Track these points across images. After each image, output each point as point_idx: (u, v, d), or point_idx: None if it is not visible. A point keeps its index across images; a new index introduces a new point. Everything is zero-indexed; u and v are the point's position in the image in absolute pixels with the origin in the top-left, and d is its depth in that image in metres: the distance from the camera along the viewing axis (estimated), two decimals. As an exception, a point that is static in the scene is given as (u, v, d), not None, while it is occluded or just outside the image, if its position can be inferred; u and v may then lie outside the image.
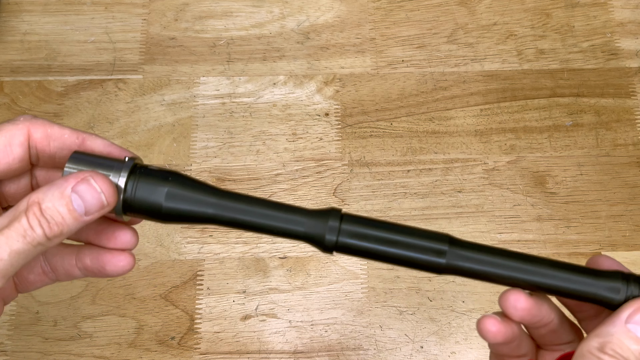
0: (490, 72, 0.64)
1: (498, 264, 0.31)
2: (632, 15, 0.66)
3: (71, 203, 0.30)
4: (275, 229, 0.32)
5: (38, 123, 0.32)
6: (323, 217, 0.32)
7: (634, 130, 0.61)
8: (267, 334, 0.55)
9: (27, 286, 0.35)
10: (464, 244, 0.32)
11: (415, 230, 0.32)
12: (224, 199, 0.32)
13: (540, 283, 0.31)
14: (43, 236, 0.29)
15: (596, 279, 0.31)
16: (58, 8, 0.66)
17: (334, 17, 0.66)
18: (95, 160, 0.32)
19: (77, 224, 0.30)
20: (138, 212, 0.32)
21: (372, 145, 0.61)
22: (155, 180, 0.32)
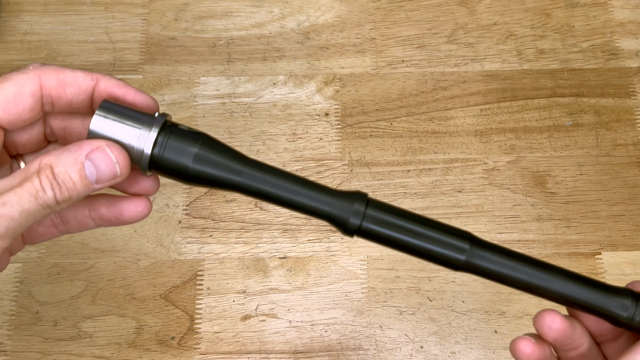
0: (490, 72, 0.64)
1: (514, 268, 0.32)
2: (632, 15, 0.66)
3: (84, 169, 0.29)
4: (300, 205, 0.31)
5: (49, 70, 0.31)
6: (349, 199, 0.31)
7: (634, 130, 0.61)
8: (267, 334, 0.55)
9: (36, 238, 0.35)
10: (485, 244, 0.32)
11: (439, 225, 0.32)
12: (253, 168, 0.31)
13: (552, 291, 0.32)
14: (53, 199, 0.29)
15: (606, 294, 0.32)
16: (58, 8, 0.66)
17: (334, 17, 0.66)
18: (126, 112, 0.31)
19: (86, 191, 0.30)
20: (163, 171, 0.31)
21: (372, 145, 0.61)
22: (185, 141, 0.31)
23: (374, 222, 0.31)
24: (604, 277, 0.56)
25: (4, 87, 0.31)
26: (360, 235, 0.31)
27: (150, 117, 0.31)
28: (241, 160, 0.31)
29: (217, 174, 0.31)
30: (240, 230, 0.58)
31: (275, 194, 0.31)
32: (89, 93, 0.32)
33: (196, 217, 0.58)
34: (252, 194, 0.32)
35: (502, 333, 0.55)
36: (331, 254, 0.57)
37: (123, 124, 0.31)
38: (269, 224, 0.58)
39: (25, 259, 0.57)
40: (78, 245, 0.58)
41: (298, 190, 0.31)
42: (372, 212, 0.31)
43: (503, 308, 0.55)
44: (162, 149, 0.31)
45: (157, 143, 0.31)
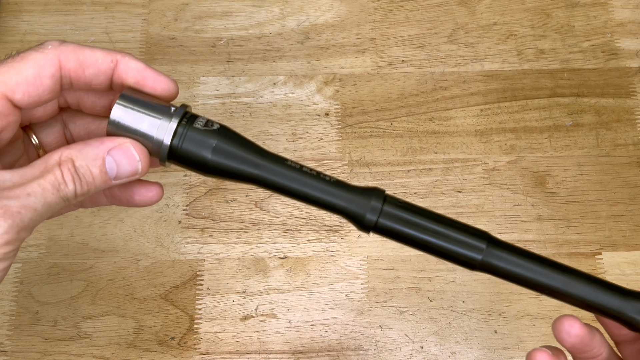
0: (490, 72, 0.64)
1: (531, 269, 0.31)
2: (632, 15, 0.66)
3: (104, 165, 0.30)
4: (317, 200, 0.31)
5: (68, 49, 0.31)
6: (366, 195, 0.31)
7: (634, 130, 0.61)
8: (267, 334, 0.55)
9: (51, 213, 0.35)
10: (502, 244, 0.32)
11: (456, 223, 0.32)
12: (271, 161, 0.31)
13: (570, 294, 0.31)
14: (73, 192, 0.29)
15: (624, 298, 0.31)
16: (58, 8, 0.66)
17: (334, 17, 0.66)
18: (146, 102, 0.31)
19: (104, 186, 0.30)
20: (182, 162, 0.31)
21: (372, 145, 0.61)
22: (204, 133, 0.31)
23: (391, 218, 0.31)
24: (604, 277, 0.56)
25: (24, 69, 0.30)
26: (377, 232, 0.31)
27: (170, 108, 0.31)
28: (260, 153, 0.32)
29: (236, 167, 0.31)
30: (240, 230, 0.58)
31: (292, 188, 0.31)
32: (109, 75, 0.32)
33: (196, 217, 0.58)
34: (270, 187, 0.32)
35: (502, 333, 0.55)
36: (331, 254, 0.57)
37: (143, 114, 0.31)
38: (269, 224, 0.58)
39: (25, 259, 0.57)
40: (78, 246, 0.58)
41: (315, 185, 0.31)
42: (389, 209, 0.31)
43: (503, 308, 0.55)
44: (182, 140, 0.31)
45: (176, 134, 0.31)
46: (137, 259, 0.57)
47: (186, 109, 0.32)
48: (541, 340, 0.55)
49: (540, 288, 0.32)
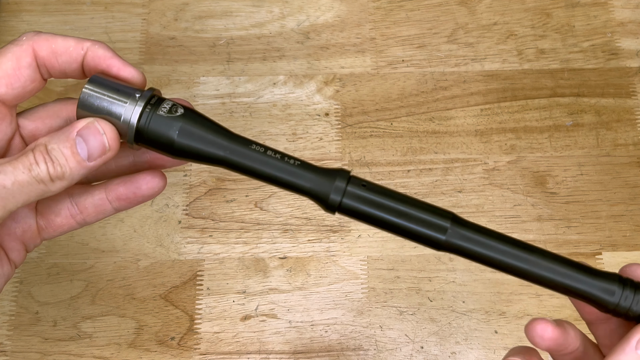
0: (490, 72, 0.64)
1: (497, 249, 0.31)
2: (633, 15, 0.66)
3: (75, 146, 0.30)
4: (282, 181, 0.32)
5: (41, 39, 0.32)
6: (331, 176, 0.32)
7: (635, 130, 0.61)
8: (267, 334, 0.55)
9: (54, 229, 0.35)
10: (467, 223, 0.31)
11: (421, 204, 0.32)
12: (236, 143, 0.32)
13: (536, 274, 0.31)
14: (46, 174, 0.30)
15: (593, 278, 0.31)
16: (58, 8, 0.66)
17: (334, 16, 0.66)
18: (114, 85, 0.32)
19: (80, 168, 0.30)
20: (149, 144, 0.32)
21: (372, 145, 0.61)
22: (170, 115, 0.31)
23: (355, 199, 0.31)
24: (604, 277, 0.56)
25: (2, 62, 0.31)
26: (342, 212, 0.32)
27: (137, 91, 0.32)
28: (226, 135, 0.32)
29: (202, 148, 0.32)
30: (240, 230, 0.58)
31: (257, 169, 0.32)
32: (80, 62, 0.33)
33: (196, 217, 0.58)
34: (235, 168, 0.32)
35: (502, 333, 0.55)
36: (331, 254, 0.57)
37: (110, 98, 0.31)
38: (269, 224, 0.58)
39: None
40: (78, 245, 0.57)
41: (281, 167, 0.32)
42: (354, 189, 0.31)
43: (503, 308, 0.55)
44: (148, 121, 0.31)
45: (142, 116, 0.31)
46: (137, 259, 0.57)
47: (153, 92, 0.32)
48: (541, 341, 0.54)
49: (506, 268, 0.31)
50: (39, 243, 0.36)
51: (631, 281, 0.31)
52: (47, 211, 0.35)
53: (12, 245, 0.34)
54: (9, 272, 0.34)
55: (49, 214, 0.35)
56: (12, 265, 0.35)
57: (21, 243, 0.35)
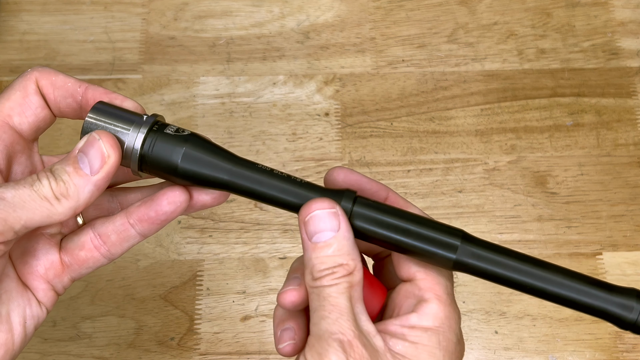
0: (490, 71, 0.64)
1: (509, 267, 0.30)
2: (633, 14, 0.66)
3: (77, 162, 0.30)
4: (289, 204, 0.32)
5: (45, 71, 0.33)
6: (337, 197, 0.31)
7: (635, 130, 0.61)
8: (266, 335, 0.55)
9: (79, 265, 0.34)
10: (478, 241, 0.31)
11: (429, 222, 0.31)
12: (240, 167, 0.32)
13: (551, 291, 0.30)
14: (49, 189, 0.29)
15: (609, 293, 0.30)
16: (57, 7, 0.66)
17: (334, 16, 0.66)
18: (117, 113, 0.32)
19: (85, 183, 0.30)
20: (154, 170, 0.32)
21: (372, 145, 0.61)
22: (173, 140, 0.31)
23: (362, 219, 0.31)
24: (604, 278, 0.56)
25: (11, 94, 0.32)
26: None
27: (140, 118, 0.32)
28: (229, 158, 0.32)
29: (205, 172, 0.31)
30: (240, 230, 0.58)
31: (263, 193, 0.32)
32: (76, 99, 0.33)
33: (196, 217, 0.58)
34: (240, 192, 0.32)
35: (502, 334, 0.55)
36: (331, 254, 0.57)
37: (113, 125, 0.31)
38: (268, 224, 0.58)
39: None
40: (77, 246, 0.57)
41: (287, 189, 0.32)
42: (360, 210, 0.31)
43: (504, 309, 0.55)
44: (151, 148, 0.31)
45: (145, 142, 0.31)
46: (137, 259, 0.57)
47: (156, 118, 0.32)
48: (541, 341, 0.54)
49: (520, 286, 0.31)
50: (67, 283, 0.34)
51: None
52: (71, 246, 0.34)
53: (36, 285, 0.33)
54: (39, 314, 0.34)
55: (73, 248, 0.34)
56: (43, 307, 0.34)
57: (46, 282, 0.34)
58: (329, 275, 0.29)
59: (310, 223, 0.30)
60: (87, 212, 0.35)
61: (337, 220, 0.30)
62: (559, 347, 0.54)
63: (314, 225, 0.30)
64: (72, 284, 0.34)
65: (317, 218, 0.30)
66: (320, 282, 0.29)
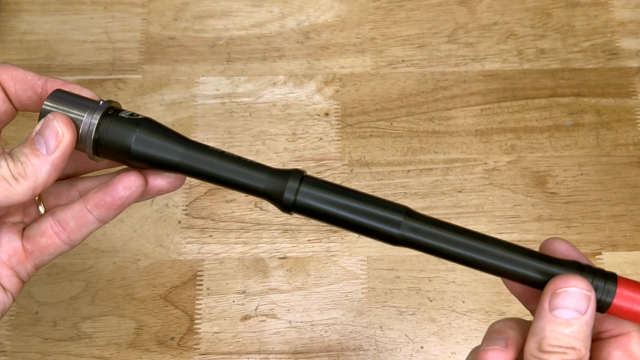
0: (490, 71, 0.64)
1: (450, 240, 0.31)
2: (633, 14, 0.66)
3: (34, 143, 0.32)
4: (237, 184, 0.33)
5: (5, 66, 0.35)
6: (284, 176, 0.32)
7: (635, 130, 0.61)
8: (267, 335, 0.55)
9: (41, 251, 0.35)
10: (421, 217, 0.32)
11: (375, 199, 0.32)
12: (191, 149, 0.33)
13: (491, 264, 0.31)
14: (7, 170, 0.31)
15: (550, 265, 0.31)
16: (57, 8, 0.66)
17: (334, 16, 0.66)
18: (73, 99, 0.33)
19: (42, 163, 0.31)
20: (108, 154, 0.33)
21: (372, 145, 0.61)
22: (126, 124, 0.33)
23: (309, 197, 0.32)
24: (604, 278, 0.56)
25: None
26: (297, 211, 0.32)
27: (95, 103, 0.33)
28: (181, 142, 0.33)
29: (157, 155, 0.33)
30: (240, 230, 0.58)
31: (212, 173, 0.33)
32: (36, 91, 0.35)
33: (196, 217, 0.58)
34: (192, 174, 0.33)
35: (502, 333, 0.55)
36: (331, 254, 0.57)
37: (69, 110, 0.33)
38: (268, 224, 0.58)
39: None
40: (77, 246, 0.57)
41: (235, 170, 0.33)
42: (306, 189, 0.32)
43: (503, 308, 0.55)
44: (105, 131, 0.32)
45: (100, 126, 0.32)
46: (137, 259, 0.57)
47: (111, 104, 0.33)
48: (541, 341, 0.54)
49: (461, 260, 0.31)
50: (31, 270, 0.36)
51: (588, 267, 0.31)
52: (32, 233, 0.35)
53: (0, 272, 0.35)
54: (4, 299, 0.35)
55: (34, 235, 0.35)
56: (8, 293, 0.35)
57: (9, 269, 0.35)
58: (559, 353, 0.29)
59: (561, 296, 0.29)
60: (47, 201, 0.36)
61: (587, 304, 0.29)
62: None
63: (564, 299, 0.29)
64: (36, 271, 0.36)
65: (570, 294, 0.29)
66: (548, 357, 0.29)
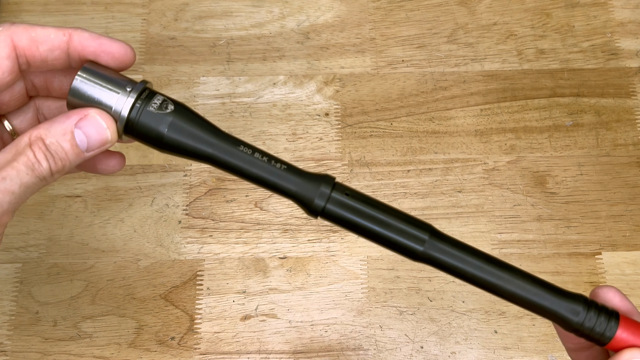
0: (490, 72, 0.64)
1: (470, 263, 0.32)
2: (632, 15, 0.66)
3: (74, 139, 0.30)
4: (268, 182, 0.32)
5: (20, 29, 0.31)
6: (316, 181, 0.32)
7: (634, 130, 0.61)
8: (267, 334, 0.55)
9: None
10: (444, 237, 0.32)
11: (401, 214, 0.33)
12: (225, 141, 0.32)
13: (507, 290, 0.32)
14: (48, 170, 0.29)
15: (559, 297, 0.32)
16: (58, 8, 0.66)
17: (334, 17, 0.66)
18: (106, 75, 0.32)
19: (78, 160, 0.30)
20: (139, 137, 0.32)
21: (372, 145, 0.61)
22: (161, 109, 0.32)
23: (338, 205, 0.32)
24: (604, 277, 0.56)
25: None
26: (325, 217, 0.32)
27: (130, 82, 0.32)
28: (215, 132, 0.32)
29: (190, 144, 0.32)
30: (240, 230, 0.58)
31: (244, 169, 0.32)
32: (64, 49, 0.32)
33: (196, 217, 0.58)
34: (222, 166, 0.33)
35: (502, 333, 0.55)
36: (331, 254, 0.57)
37: (102, 87, 0.31)
38: (269, 224, 0.58)
39: (25, 259, 0.57)
40: (78, 246, 0.58)
41: (267, 168, 0.32)
42: (337, 196, 0.32)
43: (503, 308, 0.55)
44: (139, 113, 0.31)
45: (134, 107, 0.31)
46: (137, 259, 0.57)
47: (146, 85, 0.32)
48: (541, 340, 0.55)
49: (479, 283, 0.33)
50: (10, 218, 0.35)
51: (595, 304, 0.32)
52: None
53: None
54: None
55: None
56: None
57: None
58: None
59: None
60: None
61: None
62: (558, 347, 0.54)
63: None
64: None
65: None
66: None
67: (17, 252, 0.57)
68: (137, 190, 0.59)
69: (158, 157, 0.60)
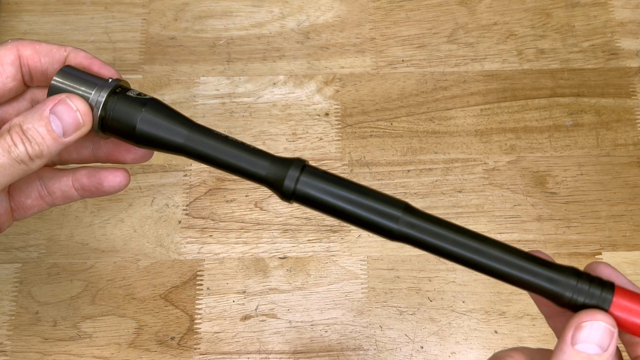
0: (490, 72, 0.64)
1: (448, 238, 0.31)
2: (633, 15, 0.66)
3: (50, 124, 0.32)
4: (239, 169, 0.33)
5: (26, 42, 0.34)
6: (286, 164, 0.32)
7: (635, 130, 0.61)
8: (267, 334, 0.55)
9: (25, 211, 0.37)
10: (419, 213, 0.31)
11: (375, 193, 0.32)
12: (195, 132, 0.33)
13: (487, 265, 0.30)
14: (25, 154, 0.31)
15: (547, 270, 0.30)
16: (58, 8, 0.66)
17: (334, 16, 0.66)
18: (82, 75, 0.34)
19: (56, 145, 0.32)
20: (113, 132, 0.34)
21: (372, 145, 0.61)
22: (133, 103, 0.33)
23: (309, 187, 0.32)
24: (604, 277, 0.56)
25: None
26: (297, 200, 0.32)
27: (103, 82, 0.34)
28: (186, 124, 0.33)
29: (161, 136, 0.33)
30: (240, 230, 0.58)
31: (215, 157, 0.33)
32: (62, 63, 0.35)
33: (196, 217, 0.58)
34: (194, 156, 0.33)
35: (502, 333, 0.55)
36: (331, 254, 0.57)
37: (77, 88, 0.33)
38: (269, 224, 0.58)
39: (25, 259, 0.57)
40: (78, 246, 0.58)
41: (238, 155, 0.33)
42: (307, 178, 0.32)
43: (503, 308, 0.55)
44: (112, 110, 0.33)
45: (107, 105, 0.33)
46: (137, 259, 0.57)
47: (119, 82, 0.34)
48: (541, 340, 0.55)
49: (458, 259, 0.31)
50: (11, 223, 0.37)
51: (587, 274, 0.30)
52: (19, 194, 0.36)
53: None
54: None
55: (20, 196, 0.36)
56: None
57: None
58: None
59: (586, 330, 0.29)
60: None
61: (609, 340, 0.29)
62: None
63: (588, 333, 0.29)
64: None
65: (594, 328, 0.29)
66: None
67: (17, 252, 0.57)
68: (137, 190, 0.59)
69: (158, 157, 0.60)
